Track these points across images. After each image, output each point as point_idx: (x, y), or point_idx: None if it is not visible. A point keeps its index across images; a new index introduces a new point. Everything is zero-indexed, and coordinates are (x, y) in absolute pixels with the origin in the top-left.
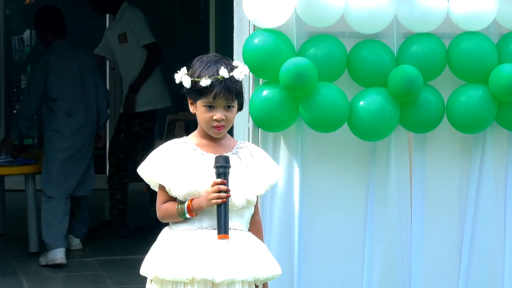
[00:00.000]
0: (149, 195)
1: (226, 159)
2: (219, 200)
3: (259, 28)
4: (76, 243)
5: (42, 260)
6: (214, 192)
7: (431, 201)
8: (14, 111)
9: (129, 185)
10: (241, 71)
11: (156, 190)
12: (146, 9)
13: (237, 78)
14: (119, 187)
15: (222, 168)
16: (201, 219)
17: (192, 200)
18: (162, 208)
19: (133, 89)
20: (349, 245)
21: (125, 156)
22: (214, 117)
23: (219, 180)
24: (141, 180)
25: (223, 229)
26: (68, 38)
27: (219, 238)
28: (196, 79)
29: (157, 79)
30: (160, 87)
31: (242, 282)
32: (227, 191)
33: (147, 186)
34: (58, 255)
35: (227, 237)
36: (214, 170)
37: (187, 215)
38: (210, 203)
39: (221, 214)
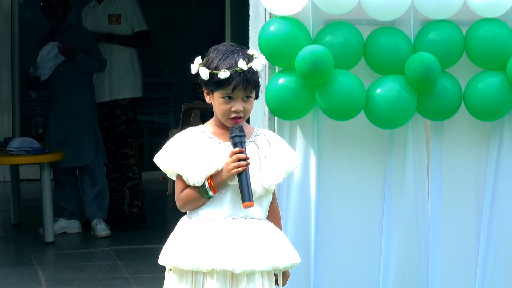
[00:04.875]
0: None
1: (241, 128)
2: (240, 169)
3: (275, 16)
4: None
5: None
6: (233, 162)
7: (448, 190)
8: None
9: (143, 174)
10: (259, 62)
11: (174, 179)
12: None
13: (255, 69)
14: (140, 176)
15: (238, 137)
16: (220, 208)
17: (211, 177)
18: (181, 196)
19: (109, 38)
20: (365, 234)
21: (137, 144)
22: (233, 109)
23: (237, 149)
24: (158, 169)
25: (247, 196)
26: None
27: (244, 206)
28: (214, 71)
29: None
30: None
31: (262, 272)
32: (246, 159)
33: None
34: None
35: (252, 204)
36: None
37: (210, 193)
38: (230, 173)
39: (243, 182)
